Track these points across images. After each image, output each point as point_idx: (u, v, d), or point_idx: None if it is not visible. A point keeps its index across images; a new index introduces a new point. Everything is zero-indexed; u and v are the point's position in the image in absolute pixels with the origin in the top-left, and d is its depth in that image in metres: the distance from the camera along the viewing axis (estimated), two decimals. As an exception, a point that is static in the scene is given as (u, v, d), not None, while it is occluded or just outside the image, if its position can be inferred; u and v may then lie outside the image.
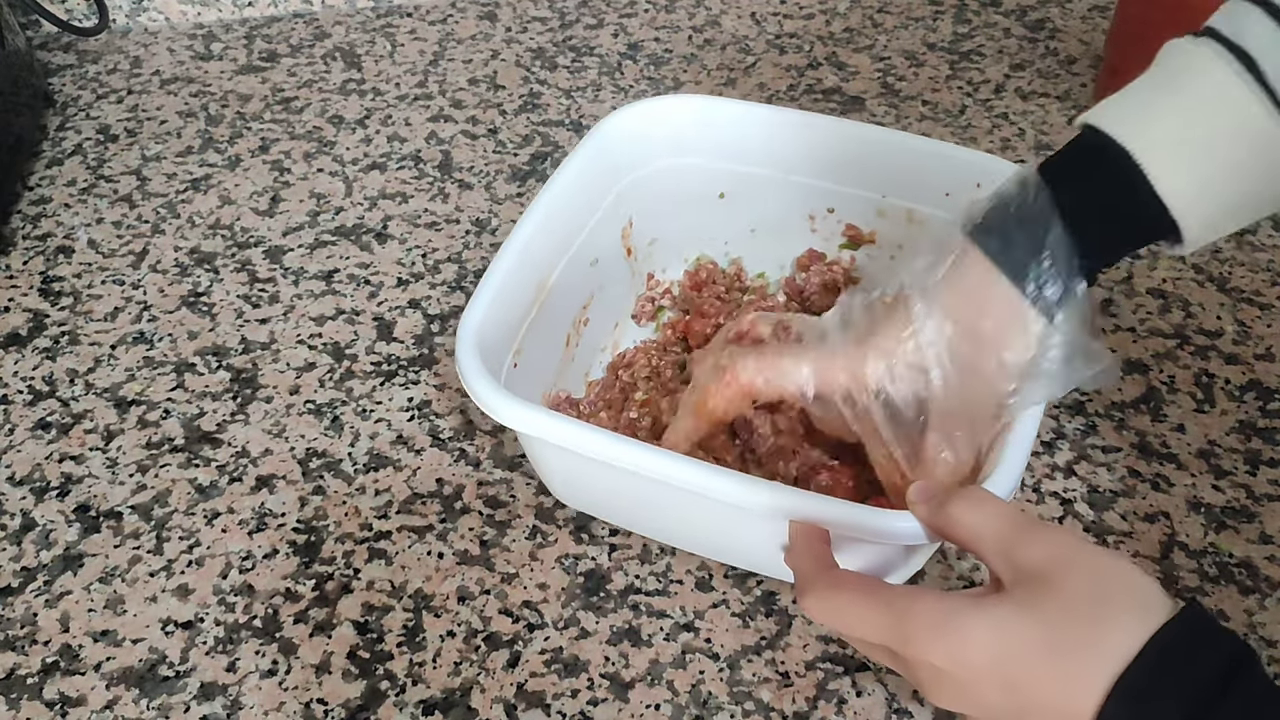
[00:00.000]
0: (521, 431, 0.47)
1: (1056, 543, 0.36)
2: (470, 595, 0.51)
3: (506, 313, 0.53)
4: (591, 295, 0.61)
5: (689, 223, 0.66)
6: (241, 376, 0.62)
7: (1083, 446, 0.58)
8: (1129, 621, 0.33)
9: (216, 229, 0.72)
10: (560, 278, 0.57)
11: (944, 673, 0.35)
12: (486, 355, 0.48)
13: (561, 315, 0.58)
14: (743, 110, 0.63)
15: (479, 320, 0.50)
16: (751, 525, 0.44)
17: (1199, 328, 0.64)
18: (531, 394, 0.54)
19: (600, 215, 0.60)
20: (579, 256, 0.59)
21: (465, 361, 0.48)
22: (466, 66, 0.87)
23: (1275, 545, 0.53)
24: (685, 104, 0.63)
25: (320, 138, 0.80)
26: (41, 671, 0.49)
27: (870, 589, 0.38)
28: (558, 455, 0.49)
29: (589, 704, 0.47)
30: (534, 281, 0.55)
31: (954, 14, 0.93)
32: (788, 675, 0.48)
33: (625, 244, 0.64)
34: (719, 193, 0.65)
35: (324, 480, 0.56)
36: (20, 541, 0.54)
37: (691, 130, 0.63)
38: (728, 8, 0.94)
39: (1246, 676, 0.32)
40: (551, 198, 0.56)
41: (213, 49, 0.90)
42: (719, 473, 0.43)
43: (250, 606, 0.51)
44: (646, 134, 0.62)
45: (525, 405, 0.46)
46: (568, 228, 0.58)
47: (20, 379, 0.62)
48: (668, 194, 0.64)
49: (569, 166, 0.58)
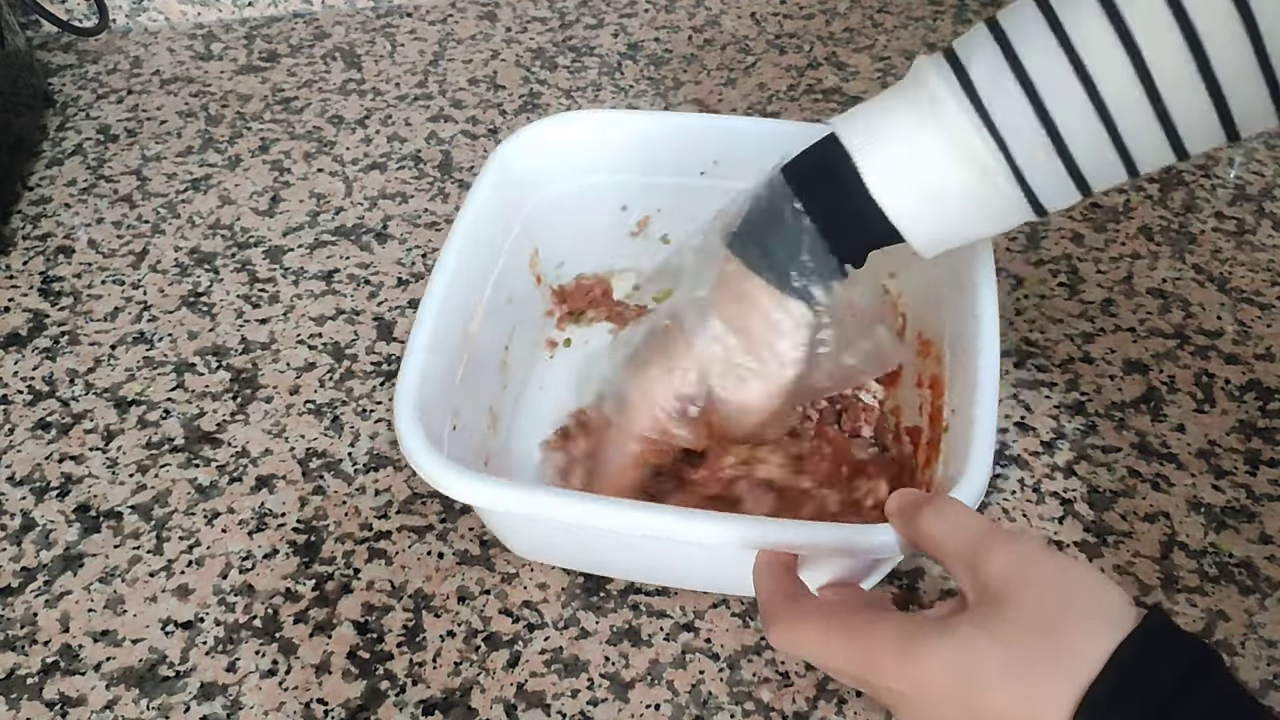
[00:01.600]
0: (476, 505, 0.45)
1: (1018, 555, 0.35)
2: (470, 595, 0.51)
3: (439, 372, 0.49)
4: (511, 333, 0.59)
5: (596, 241, 0.64)
6: (241, 376, 0.62)
7: (1083, 446, 0.58)
8: (1093, 633, 0.32)
9: (216, 229, 0.72)
10: (482, 323, 0.54)
11: (908, 697, 0.35)
12: (428, 423, 0.45)
13: (488, 362, 0.56)
14: (637, 120, 0.62)
15: (415, 387, 0.46)
16: (723, 558, 0.44)
17: (1199, 328, 0.64)
18: (473, 453, 0.52)
19: (508, 249, 0.58)
20: (494, 297, 0.56)
21: (408, 437, 0.44)
22: (466, 66, 0.87)
23: (1275, 545, 0.53)
24: (575, 122, 0.62)
25: (320, 138, 0.80)
26: (41, 671, 0.49)
27: (832, 617, 0.38)
28: (512, 521, 0.48)
29: (589, 704, 0.47)
30: (459, 333, 0.52)
31: (954, 14, 0.93)
32: (788, 675, 0.48)
33: (534, 272, 0.62)
34: (621, 205, 0.64)
35: (324, 480, 0.56)
36: (20, 541, 0.54)
37: (587, 148, 0.61)
38: (728, 8, 0.94)
39: (1209, 680, 0.31)
40: (459, 243, 0.53)
41: (213, 49, 0.90)
42: (669, 513, 0.42)
43: (250, 606, 0.51)
44: (542, 159, 0.60)
45: (477, 477, 0.44)
46: (481, 269, 0.56)
47: (20, 379, 0.62)
48: (571, 215, 0.62)
49: (470, 207, 0.55)
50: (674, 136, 0.61)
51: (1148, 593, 0.51)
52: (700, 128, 0.62)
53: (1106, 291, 0.67)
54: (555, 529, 0.46)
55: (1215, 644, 0.49)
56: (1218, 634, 0.49)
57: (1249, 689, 0.47)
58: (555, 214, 0.62)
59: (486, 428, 0.55)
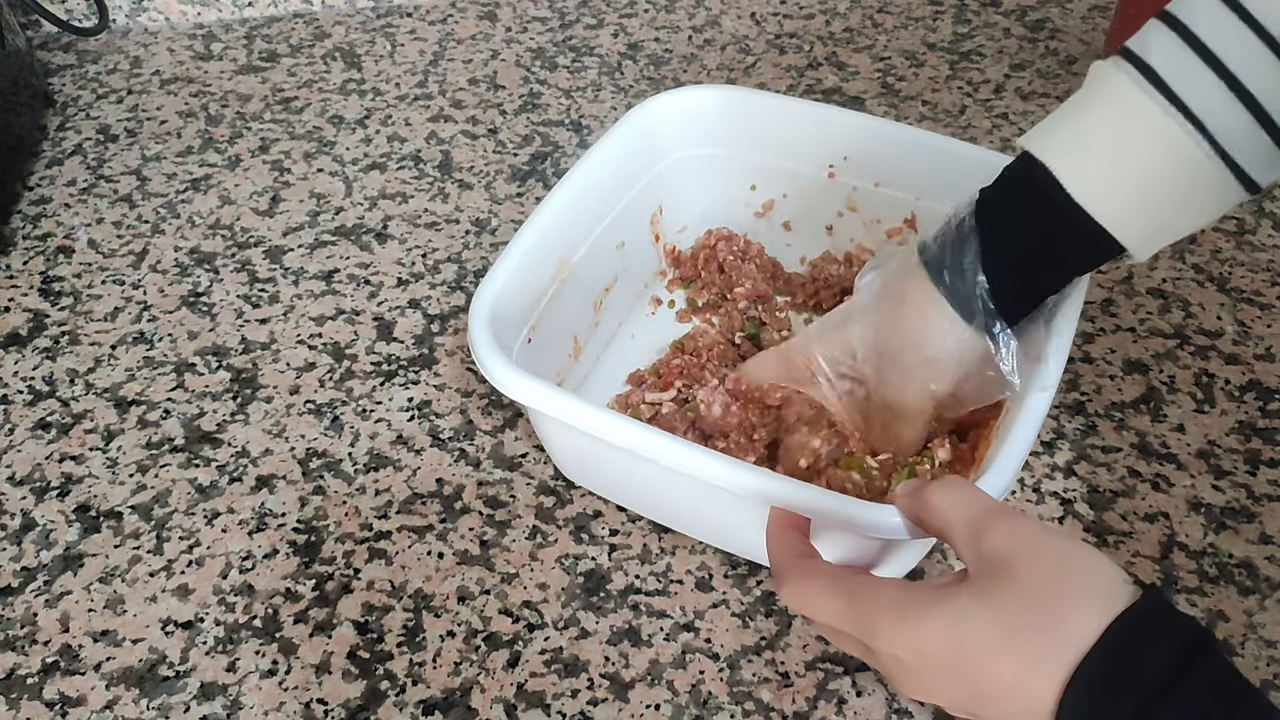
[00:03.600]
0: (527, 405, 0.48)
1: (1021, 531, 0.36)
2: (470, 595, 0.51)
3: (524, 287, 0.52)
4: (615, 278, 0.61)
5: (719, 213, 0.66)
6: (241, 376, 0.62)
7: (1083, 446, 0.58)
8: (1088, 609, 0.33)
9: (216, 229, 0.72)
10: (584, 257, 0.57)
11: (906, 663, 0.35)
12: (500, 328, 0.48)
13: (583, 296, 0.58)
14: (781, 104, 0.63)
15: (495, 292, 0.50)
16: (750, 513, 0.45)
17: (1199, 328, 0.64)
18: (545, 370, 0.54)
19: (631, 198, 0.60)
20: (605, 238, 0.59)
21: (477, 332, 0.48)
22: (466, 66, 0.87)
23: (1275, 545, 0.53)
24: (723, 95, 0.64)
25: (320, 138, 0.80)
26: (41, 671, 0.49)
27: (838, 579, 0.38)
28: (561, 432, 0.50)
29: (589, 704, 0.47)
30: (556, 258, 0.55)
31: (954, 14, 0.93)
32: (788, 675, 0.48)
33: (654, 230, 0.64)
34: (750, 185, 0.65)
35: (324, 480, 0.56)
36: (20, 541, 0.54)
37: (729, 121, 0.63)
38: (728, 8, 0.94)
39: (1203, 662, 0.32)
40: (581, 177, 0.56)
41: (213, 49, 0.90)
42: (709, 455, 0.44)
43: (250, 606, 0.51)
44: (683, 122, 0.62)
45: (530, 379, 0.46)
46: (596, 208, 0.58)
47: (20, 379, 0.62)
48: (700, 182, 0.64)
49: (601, 149, 0.58)
50: (810, 125, 0.63)
51: (1148, 593, 0.51)
52: (838, 121, 0.62)
53: (1106, 291, 0.67)
54: (595, 451, 0.48)
55: (1215, 644, 0.49)
56: (1218, 634, 0.49)
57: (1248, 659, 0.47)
58: (684, 179, 0.64)
59: (567, 355, 0.58)
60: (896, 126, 0.62)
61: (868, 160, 0.62)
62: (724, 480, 0.43)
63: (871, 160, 0.61)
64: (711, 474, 0.43)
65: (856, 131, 0.62)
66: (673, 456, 0.44)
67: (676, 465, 0.44)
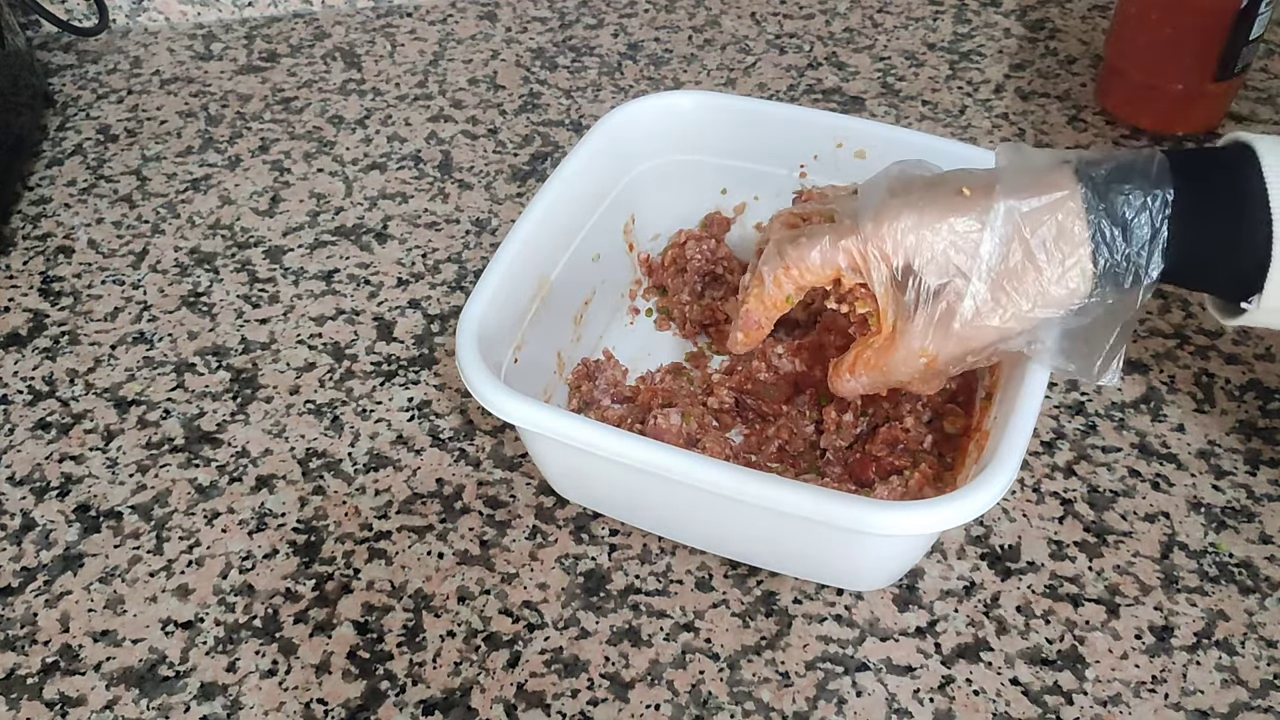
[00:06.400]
0: (519, 426, 0.48)
1: None
2: (470, 595, 0.51)
3: (507, 307, 0.53)
4: (593, 291, 0.61)
5: (692, 218, 0.66)
6: (241, 376, 0.62)
7: (1083, 446, 0.58)
8: None
9: (216, 229, 0.72)
10: (562, 273, 0.57)
11: None
12: (487, 349, 0.49)
13: (563, 311, 0.58)
14: (750, 106, 0.63)
15: (479, 314, 0.50)
16: (748, 518, 0.44)
17: (1199, 328, 0.64)
18: (533, 389, 0.54)
19: (603, 210, 0.60)
20: (581, 251, 0.59)
21: (465, 355, 0.48)
22: (466, 66, 0.87)
23: (1275, 545, 0.53)
24: (691, 99, 0.63)
25: (320, 138, 0.80)
26: (41, 671, 0.49)
27: None
28: (555, 450, 0.50)
29: (589, 704, 0.47)
30: (535, 276, 0.55)
31: (954, 14, 0.93)
32: (788, 675, 0.48)
33: (627, 239, 0.64)
34: (721, 189, 0.65)
35: (324, 480, 0.56)
36: (20, 541, 0.54)
37: (697, 126, 0.63)
38: (728, 8, 0.94)
39: None
40: (555, 192, 0.56)
41: (213, 49, 0.90)
42: (709, 464, 0.44)
43: (250, 606, 0.51)
44: (652, 129, 0.62)
45: (521, 399, 0.46)
46: (571, 223, 0.58)
47: (20, 379, 0.62)
48: (671, 190, 0.64)
49: (573, 161, 0.58)
50: (780, 126, 0.62)
51: (1147, 593, 0.51)
52: (807, 121, 0.62)
53: (1106, 291, 0.67)
54: (592, 467, 0.49)
55: (1215, 644, 0.49)
56: (1218, 634, 0.49)
57: (1248, 659, 0.47)
58: (655, 186, 0.64)
59: (552, 371, 0.58)
60: (867, 124, 0.61)
61: (839, 159, 0.61)
62: (729, 488, 0.43)
63: (843, 159, 0.61)
64: (716, 482, 0.43)
65: (826, 130, 0.61)
66: (677, 469, 0.44)
67: (682, 478, 0.44)
